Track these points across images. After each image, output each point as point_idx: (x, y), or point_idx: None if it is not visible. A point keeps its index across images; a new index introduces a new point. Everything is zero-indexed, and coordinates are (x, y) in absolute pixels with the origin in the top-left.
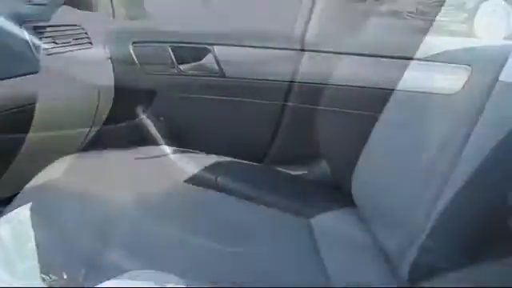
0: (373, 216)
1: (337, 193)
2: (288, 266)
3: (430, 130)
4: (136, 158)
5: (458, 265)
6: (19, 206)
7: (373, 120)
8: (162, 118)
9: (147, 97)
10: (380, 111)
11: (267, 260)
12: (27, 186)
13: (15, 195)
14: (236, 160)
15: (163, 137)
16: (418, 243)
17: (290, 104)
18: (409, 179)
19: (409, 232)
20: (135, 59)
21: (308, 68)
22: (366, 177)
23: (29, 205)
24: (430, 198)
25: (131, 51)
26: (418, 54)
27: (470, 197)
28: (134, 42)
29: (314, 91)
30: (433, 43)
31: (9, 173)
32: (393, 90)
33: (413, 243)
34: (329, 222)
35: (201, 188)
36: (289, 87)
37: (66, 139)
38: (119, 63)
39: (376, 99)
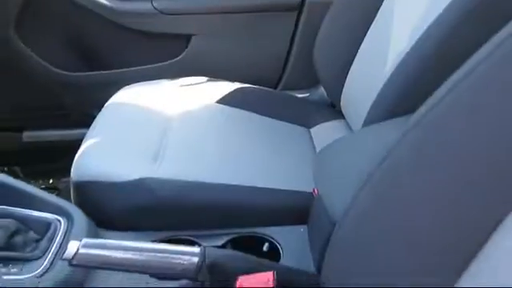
0: (356, 124)
1: (332, 109)
2: (289, 163)
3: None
4: (181, 86)
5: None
6: (98, 125)
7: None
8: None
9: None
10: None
11: (277, 159)
12: (104, 107)
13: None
14: (255, 86)
15: (198, 70)
16: None
17: (296, 40)
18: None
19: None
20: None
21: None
22: (348, 94)
23: (106, 122)
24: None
25: None
26: None
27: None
28: None
29: (313, 26)
30: None
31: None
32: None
33: None
34: (324, 130)
35: (228, 106)
36: (295, 25)
37: (125, 75)
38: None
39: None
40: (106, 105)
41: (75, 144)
